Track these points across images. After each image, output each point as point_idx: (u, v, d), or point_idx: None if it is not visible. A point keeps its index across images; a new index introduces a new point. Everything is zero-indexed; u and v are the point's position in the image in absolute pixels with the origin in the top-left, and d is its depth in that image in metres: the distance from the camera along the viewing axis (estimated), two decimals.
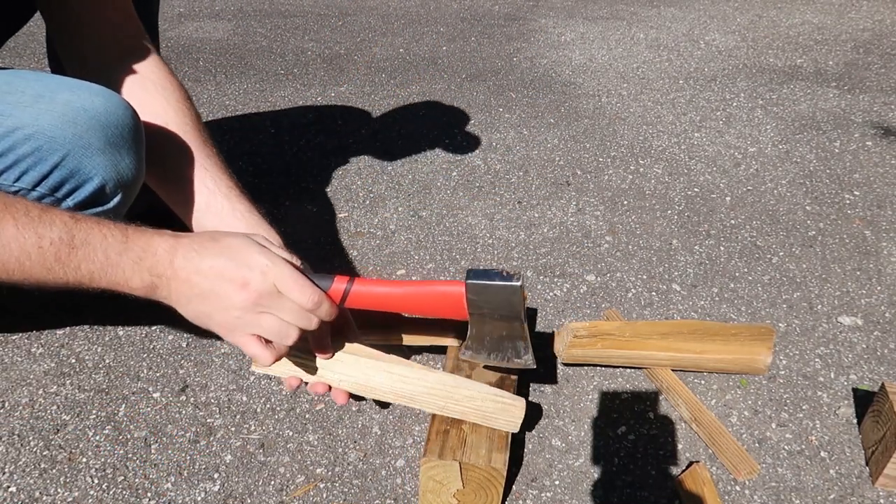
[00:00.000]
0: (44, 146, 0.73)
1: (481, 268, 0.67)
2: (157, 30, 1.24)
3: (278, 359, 0.70)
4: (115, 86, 0.86)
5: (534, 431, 0.91)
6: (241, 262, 0.65)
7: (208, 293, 0.66)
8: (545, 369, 1.01)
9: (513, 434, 0.80)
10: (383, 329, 0.92)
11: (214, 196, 0.83)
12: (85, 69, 0.88)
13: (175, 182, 0.85)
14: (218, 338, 1.03)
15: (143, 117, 0.84)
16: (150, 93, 0.87)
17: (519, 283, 0.66)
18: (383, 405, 0.94)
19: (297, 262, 0.70)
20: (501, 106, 1.88)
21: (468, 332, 0.74)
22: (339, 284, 0.71)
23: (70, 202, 0.78)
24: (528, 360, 0.75)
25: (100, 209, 0.81)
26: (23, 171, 0.74)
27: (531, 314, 1.12)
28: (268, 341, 0.69)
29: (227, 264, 0.65)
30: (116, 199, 0.81)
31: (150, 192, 0.90)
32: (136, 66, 0.89)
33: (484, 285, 0.67)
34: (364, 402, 0.94)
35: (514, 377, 0.87)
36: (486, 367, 0.87)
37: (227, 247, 0.66)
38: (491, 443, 0.77)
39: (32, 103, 0.74)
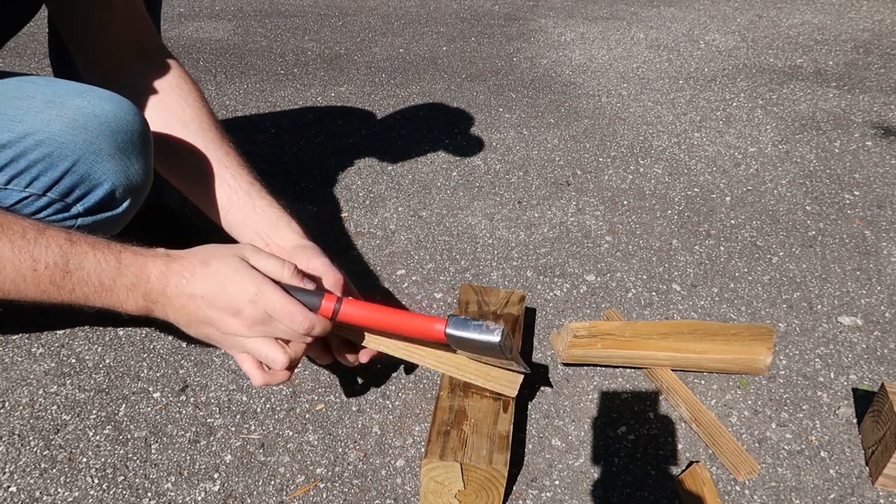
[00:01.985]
0: (54, 152, 0.74)
1: (462, 317, 0.70)
2: (160, 30, 1.24)
3: (270, 382, 0.74)
4: (133, 86, 0.87)
5: (534, 431, 0.91)
6: (229, 291, 0.67)
7: (203, 319, 0.69)
8: (545, 369, 1.01)
9: (513, 434, 0.80)
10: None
11: (236, 193, 0.85)
12: (101, 71, 0.89)
13: (198, 181, 0.87)
14: None
15: (162, 117, 0.86)
16: (167, 93, 0.88)
17: (498, 339, 0.67)
18: (383, 405, 0.94)
19: (290, 272, 0.71)
20: (501, 106, 1.88)
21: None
22: (327, 304, 0.71)
23: (80, 207, 0.79)
24: (519, 370, 0.79)
25: (109, 214, 0.81)
26: (34, 176, 0.75)
27: (530, 314, 1.12)
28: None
29: (216, 293, 0.67)
30: (125, 205, 0.82)
31: (152, 193, 0.90)
32: (153, 67, 0.90)
33: (463, 337, 0.69)
34: (364, 402, 0.94)
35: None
36: None
37: (215, 273, 0.68)
38: (492, 443, 0.77)
39: (43, 109, 0.74)
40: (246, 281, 0.67)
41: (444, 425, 0.79)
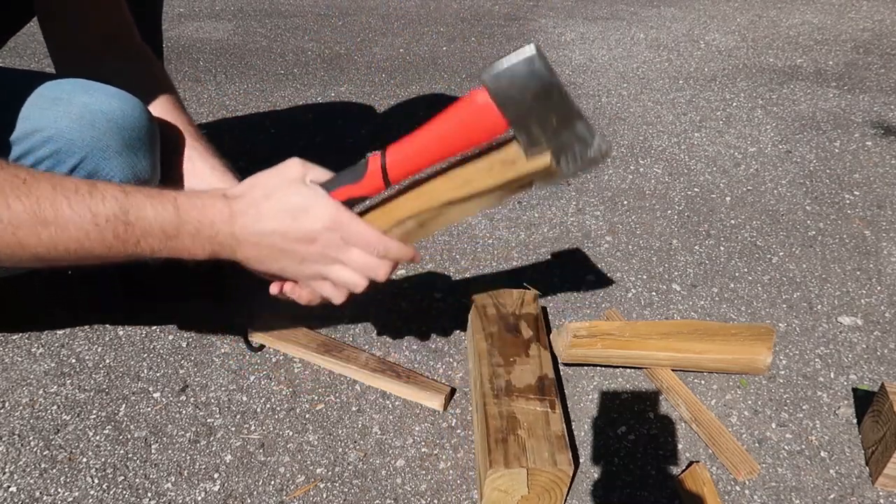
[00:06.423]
0: (63, 149, 0.74)
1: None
2: (161, 29, 1.24)
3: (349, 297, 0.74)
4: (108, 80, 0.88)
5: None
6: (302, 221, 0.66)
7: (278, 254, 0.67)
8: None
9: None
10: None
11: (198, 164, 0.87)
12: (76, 63, 0.90)
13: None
14: (218, 338, 1.03)
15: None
16: (143, 88, 0.88)
17: (533, 50, 0.60)
18: (383, 405, 0.94)
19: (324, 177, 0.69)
20: None
21: (522, 145, 0.65)
22: (374, 164, 0.68)
23: None
24: (601, 145, 0.66)
25: None
26: None
27: None
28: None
29: (289, 225, 0.66)
30: None
31: None
32: (129, 62, 0.91)
33: (502, 70, 0.61)
34: (364, 402, 0.94)
35: (551, 377, 0.87)
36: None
37: (283, 205, 0.66)
38: (551, 445, 0.76)
39: (50, 106, 0.75)
40: (318, 208, 0.66)
41: (498, 432, 0.78)
